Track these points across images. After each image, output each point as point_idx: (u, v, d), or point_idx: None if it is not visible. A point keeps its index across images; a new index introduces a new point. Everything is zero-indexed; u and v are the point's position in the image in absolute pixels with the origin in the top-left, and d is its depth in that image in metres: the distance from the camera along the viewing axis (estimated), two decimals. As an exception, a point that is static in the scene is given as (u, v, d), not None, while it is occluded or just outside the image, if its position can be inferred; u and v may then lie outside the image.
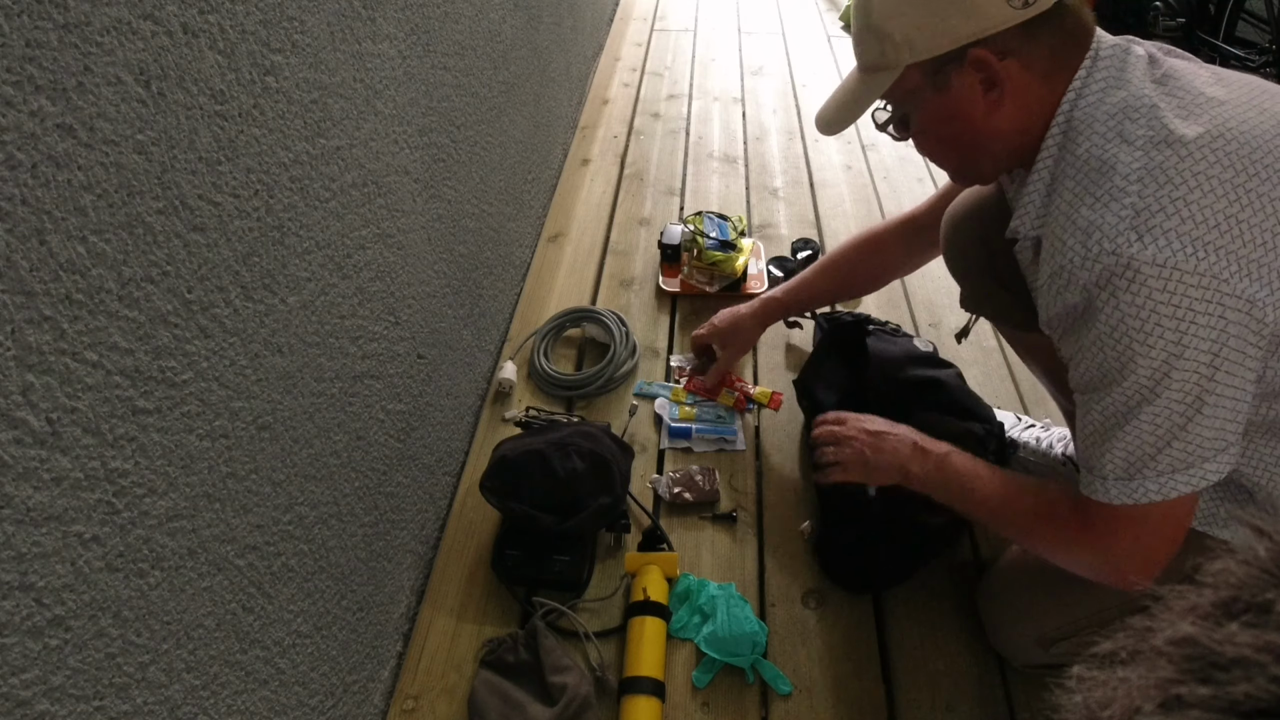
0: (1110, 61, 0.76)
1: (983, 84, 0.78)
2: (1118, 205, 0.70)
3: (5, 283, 0.47)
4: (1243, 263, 0.67)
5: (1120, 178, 0.70)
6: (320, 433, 0.86)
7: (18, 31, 0.45)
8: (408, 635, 1.14)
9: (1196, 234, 0.67)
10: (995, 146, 0.82)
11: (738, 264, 1.66)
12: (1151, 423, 0.72)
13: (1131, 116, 0.72)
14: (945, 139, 0.86)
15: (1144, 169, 0.69)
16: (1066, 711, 0.30)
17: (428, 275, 1.16)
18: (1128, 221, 0.68)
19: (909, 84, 0.82)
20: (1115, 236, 0.69)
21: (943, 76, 0.79)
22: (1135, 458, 0.74)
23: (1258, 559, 0.28)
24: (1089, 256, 0.70)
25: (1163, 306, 0.68)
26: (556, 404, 1.48)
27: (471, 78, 1.33)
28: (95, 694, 0.56)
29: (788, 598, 1.18)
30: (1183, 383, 0.70)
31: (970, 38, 0.75)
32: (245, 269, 0.70)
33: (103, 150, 0.53)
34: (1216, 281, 0.66)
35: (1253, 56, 2.53)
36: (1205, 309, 0.67)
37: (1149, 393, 0.71)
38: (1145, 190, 0.69)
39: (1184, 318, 0.67)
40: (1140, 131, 0.71)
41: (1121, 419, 0.73)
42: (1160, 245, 0.67)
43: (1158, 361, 0.69)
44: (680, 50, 2.94)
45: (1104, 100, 0.74)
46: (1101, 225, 0.70)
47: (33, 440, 0.49)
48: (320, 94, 0.81)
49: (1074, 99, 0.76)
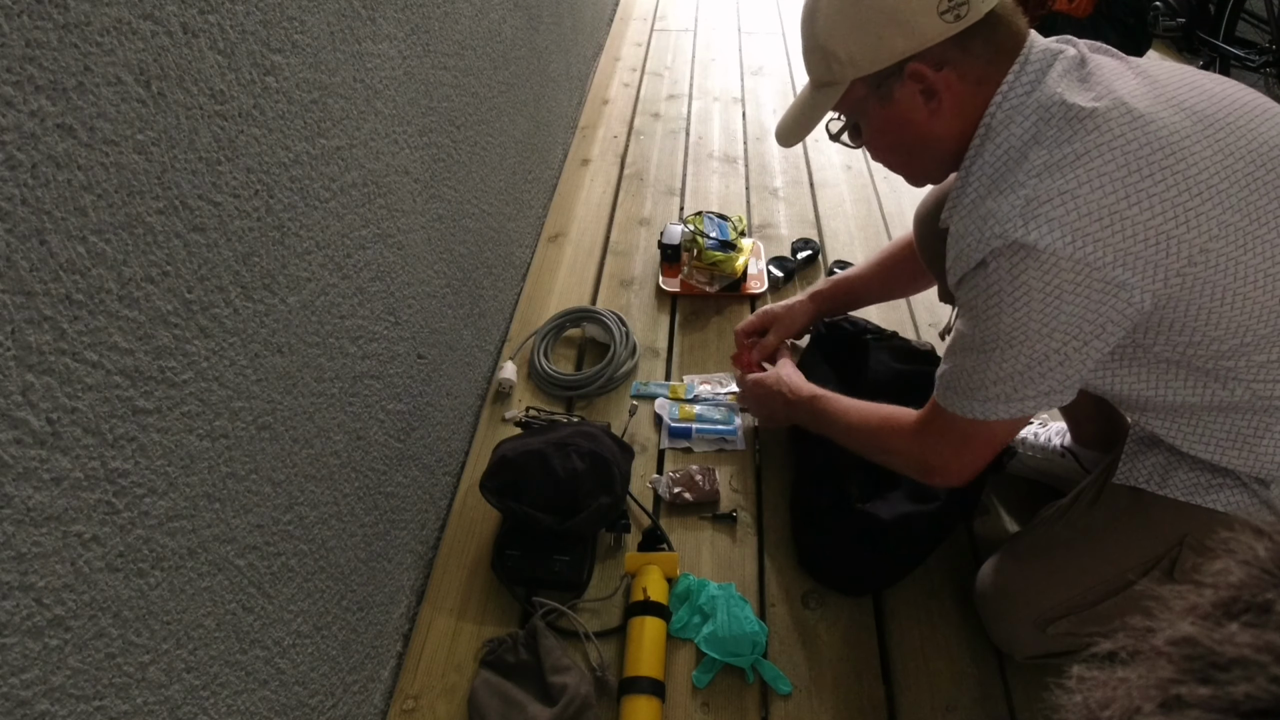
0: (1037, 65, 0.79)
1: (922, 94, 0.83)
2: (1013, 196, 0.75)
3: (5, 283, 0.47)
4: (1119, 254, 0.72)
5: (1023, 173, 0.75)
6: (320, 433, 0.86)
7: (18, 31, 0.45)
8: (408, 635, 1.14)
9: (1079, 225, 0.72)
10: (939, 150, 0.87)
11: (738, 264, 1.66)
12: (998, 365, 0.81)
13: (1046, 118, 0.77)
14: (893, 146, 0.92)
15: (1044, 164, 0.74)
16: (1066, 711, 0.30)
17: (428, 275, 1.16)
18: (1018, 209, 0.74)
19: (855, 96, 0.87)
20: (1005, 222, 0.75)
21: (885, 89, 0.84)
22: (974, 383, 0.84)
23: (1258, 559, 0.28)
24: (982, 240, 0.77)
25: (1036, 282, 0.74)
26: (556, 404, 1.48)
27: (471, 78, 1.33)
28: (95, 694, 0.56)
29: (788, 598, 1.18)
30: (1035, 345, 0.78)
31: (907, 53, 0.81)
32: (245, 269, 0.70)
33: (103, 150, 0.53)
34: (1089, 269, 0.73)
35: (1253, 56, 2.53)
36: (1075, 290, 0.74)
37: (1005, 343, 0.79)
38: (1040, 184, 0.74)
39: (1053, 295, 0.74)
40: (1051, 132, 0.76)
41: (974, 352, 0.83)
42: (1043, 232, 0.73)
43: (1019, 325, 0.77)
44: (680, 50, 2.94)
45: (1024, 101, 0.79)
46: (996, 213, 0.76)
47: (33, 440, 0.49)
48: (320, 94, 0.81)
49: (999, 101, 0.80)
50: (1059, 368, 0.80)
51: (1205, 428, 0.84)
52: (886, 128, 0.89)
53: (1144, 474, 0.90)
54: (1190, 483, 0.87)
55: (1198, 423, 0.85)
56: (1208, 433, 0.84)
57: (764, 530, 1.27)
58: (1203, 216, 0.72)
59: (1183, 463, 0.87)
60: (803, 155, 2.27)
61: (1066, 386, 0.82)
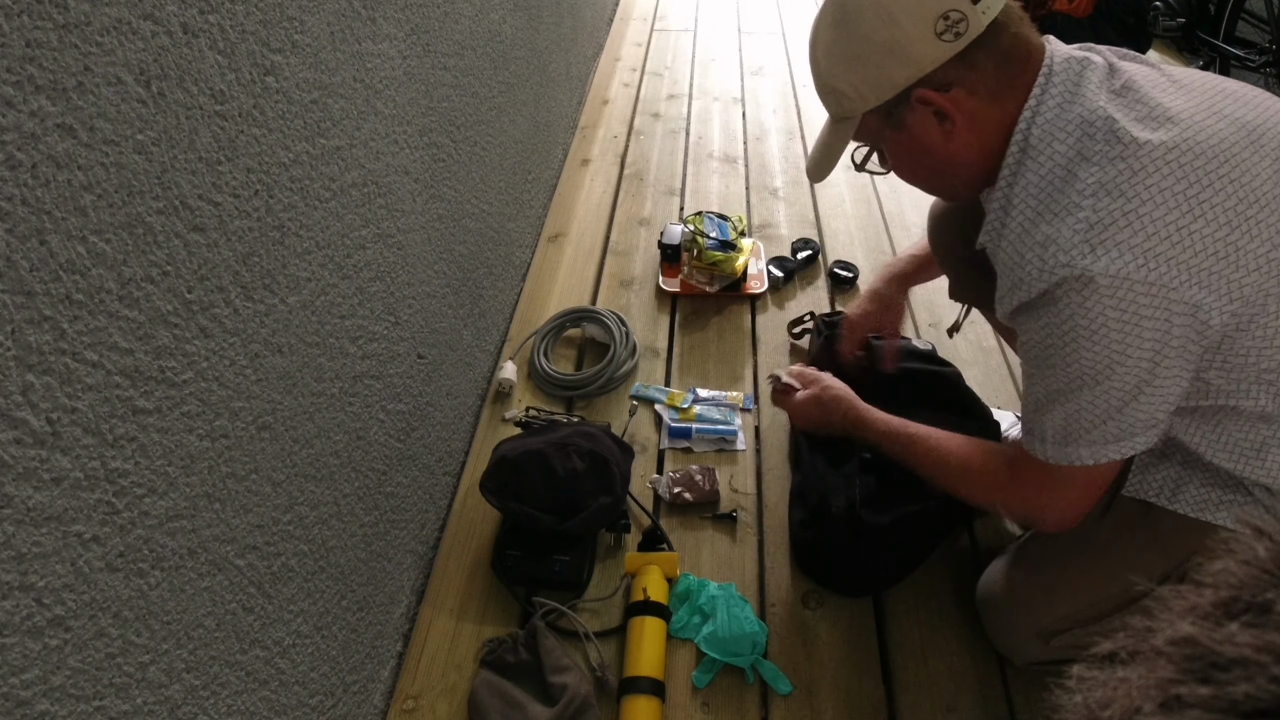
0: (1065, 76, 0.78)
1: (935, 116, 0.82)
2: (1072, 219, 0.73)
3: (5, 283, 0.47)
4: (1191, 271, 0.70)
5: (1076, 193, 0.73)
6: (320, 433, 0.86)
7: (18, 31, 0.45)
8: (408, 635, 1.14)
9: (1147, 246, 0.70)
10: (963, 169, 0.86)
11: (738, 264, 1.66)
12: (1091, 404, 0.78)
13: (1090, 133, 0.75)
14: (916, 169, 0.92)
15: (1098, 184, 0.72)
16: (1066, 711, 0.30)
17: (428, 275, 1.16)
18: (1081, 235, 0.72)
19: (871, 128, 0.87)
20: (1070, 249, 0.72)
21: (896, 118, 0.84)
22: (1072, 429, 0.81)
23: (1258, 559, 0.28)
24: (1045, 269, 0.74)
25: (1112, 311, 0.72)
26: (556, 404, 1.48)
27: (471, 78, 1.33)
28: (95, 694, 0.56)
29: (788, 598, 1.18)
30: (1124, 377, 0.75)
31: (910, 80, 0.80)
32: (245, 269, 0.70)
33: (103, 150, 0.53)
34: (1165, 290, 0.70)
35: (1253, 56, 2.53)
36: (1152, 314, 0.71)
37: (1091, 380, 0.76)
38: (1099, 204, 0.72)
39: (1131, 322, 0.72)
40: (1098, 148, 0.74)
41: (1062, 397, 0.79)
42: (1113, 257, 0.70)
43: (1101, 358, 0.74)
44: (680, 50, 2.94)
45: (1061, 116, 0.77)
46: (1057, 239, 0.73)
47: (33, 440, 0.49)
48: (320, 94, 0.81)
49: (1030, 117, 0.78)
50: (1153, 396, 0.76)
51: (1231, 434, 0.82)
52: (906, 154, 0.89)
53: (1154, 487, 0.88)
54: (1201, 499, 0.85)
55: (1225, 428, 0.83)
56: (1232, 440, 0.83)
57: (764, 530, 1.27)
58: (1263, 225, 0.71)
59: (1194, 477, 0.86)
60: (803, 155, 2.27)
61: (1163, 414, 0.79)
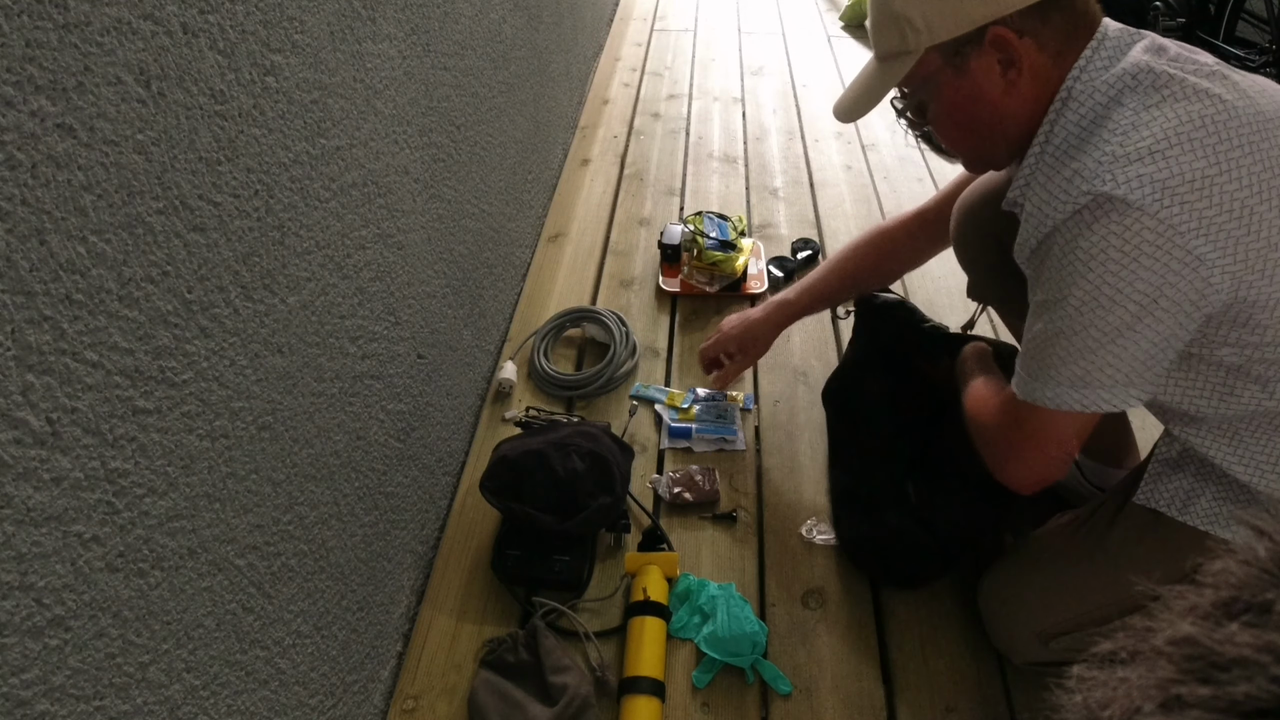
0: (1116, 42, 0.78)
1: (1001, 64, 0.80)
2: (1098, 153, 0.72)
3: (5, 283, 0.47)
4: (1203, 223, 0.69)
5: (1108, 131, 0.73)
6: (320, 433, 0.86)
7: (18, 31, 0.45)
8: (408, 635, 1.14)
9: (1169, 184, 0.69)
10: (1010, 128, 0.84)
11: (738, 264, 1.66)
12: (1069, 335, 0.76)
13: (1129, 84, 0.74)
14: (962, 122, 0.88)
15: (1130, 124, 0.72)
16: (1066, 711, 0.30)
17: (428, 275, 1.16)
18: (1105, 165, 0.71)
19: (928, 68, 0.83)
20: (1092, 178, 0.72)
21: (962, 58, 0.81)
22: (1044, 361, 0.79)
23: (1258, 559, 0.28)
24: (1068, 199, 0.73)
25: (1115, 239, 0.70)
26: (556, 404, 1.48)
27: (471, 78, 1.32)
28: (95, 694, 0.56)
29: (788, 598, 1.18)
30: (1108, 313, 0.73)
31: (988, 18, 0.78)
32: (245, 269, 0.70)
33: (103, 150, 0.53)
34: (1171, 232, 0.69)
35: (1253, 56, 2.53)
36: (1154, 254, 0.70)
37: (1075, 310, 0.74)
38: (1128, 139, 0.71)
39: (1131, 256, 0.70)
40: (1135, 96, 0.74)
41: (1045, 322, 0.78)
42: (1132, 186, 0.69)
43: (1092, 288, 0.73)
44: (680, 50, 2.94)
45: (1105, 73, 0.76)
46: (1081, 170, 0.73)
47: (33, 440, 0.49)
48: (320, 94, 0.81)
49: (1077, 75, 0.78)
50: (1131, 347, 0.74)
51: (1249, 446, 0.81)
52: (959, 102, 0.84)
53: (1166, 498, 0.87)
54: (1212, 512, 0.84)
55: (1244, 440, 0.81)
56: (1250, 452, 0.81)
57: (764, 530, 1.27)
58: None
59: (1207, 490, 0.84)
60: (803, 155, 2.27)
61: (1139, 377, 0.76)
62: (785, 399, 1.48)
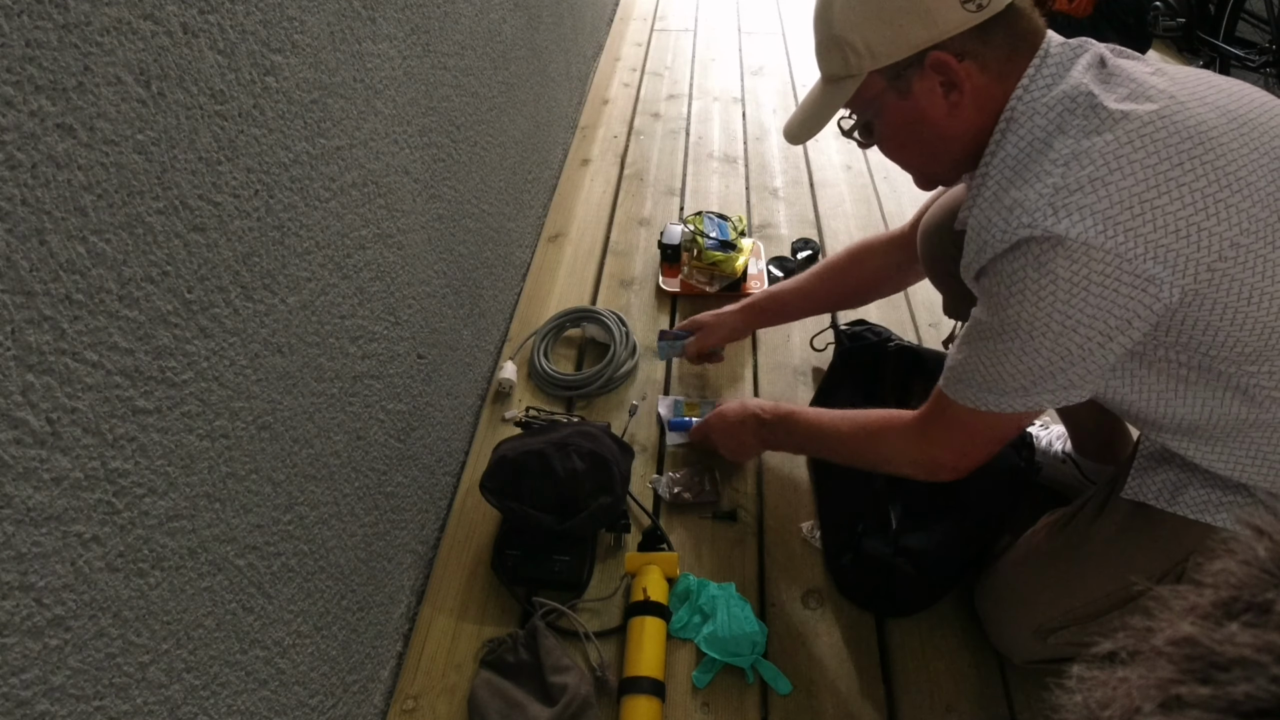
0: (1058, 59, 0.78)
1: (943, 86, 0.81)
2: (1040, 185, 0.73)
3: (5, 283, 0.47)
4: (1150, 245, 0.70)
5: (1049, 162, 0.74)
6: (320, 433, 0.86)
7: (18, 31, 0.45)
8: (408, 635, 1.14)
9: (1110, 213, 0.70)
10: (955, 148, 0.85)
11: (738, 264, 1.66)
12: (1019, 359, 0.78)
13: (1070, 108, 0.75)
14: (907, 143, 0.89)
15: (1071, 153, 0.73)
16: (1066, 711, 0.30)
17: (428, 275, 1.16)
18: (1047, 199, 0.72)
19: (872, 90, 0.84)
20: (1034, 211, 0.72)
21: (904, 81, 0.82)
22: (993, 376, 0.82)
23: (1258, 559, 0.28)
24: (1008, 230, 0.74)
25: (1063, 273, 0.72)
26: (556, 404, 1.48)
27: (471, 78, 1.33)
28: (95, 694, 0.56)
29: (788, 598, 1.18)
30: (1056, 340, 0.75)
31: (928, 42, 0.79)
32: (245, 269, 0.70)
33: (103, 150, 0.53)
34: (1120, 260, 0.70)
35: (1253, 56, 2.53)
36: (1103, 282, 0.71)
37: (1023, 334, 0.77)
38: (1069, 171, 0.72)
39: (1080, 286, 0.72)
40: (1076, 121, 0.74)
41: (987, 338, 0.80)
42: (1074, 220, 0.70)
43: (1039, 318, 0.75)
44: (680, 50, 2.94)
45: (1046, 94, 0.77)
46: (1023, 202, 0.73)
47: (33, 440, 0.49)
48: (320, 94, 0.81)
49: (1019, 95, 0.78)
50: (1079, 363, 0.77)
51: (1223, 445, 0.82)
52: (903, 123, 0.86)
53: (1153, 490, 0.88)
54: (1201, 500, 0.85)
55: (1215, 441, 0.82)
56: (1225, 450, 0.82)
57: (764, 530, 1.27)
58: (1233, 209, 0.70)
59: (1194, 480, 0.85)
60: (803, 155, 2.27)
61: (1084, 383, 0.80)
62: (785, 399, 1.48)
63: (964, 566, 1.14)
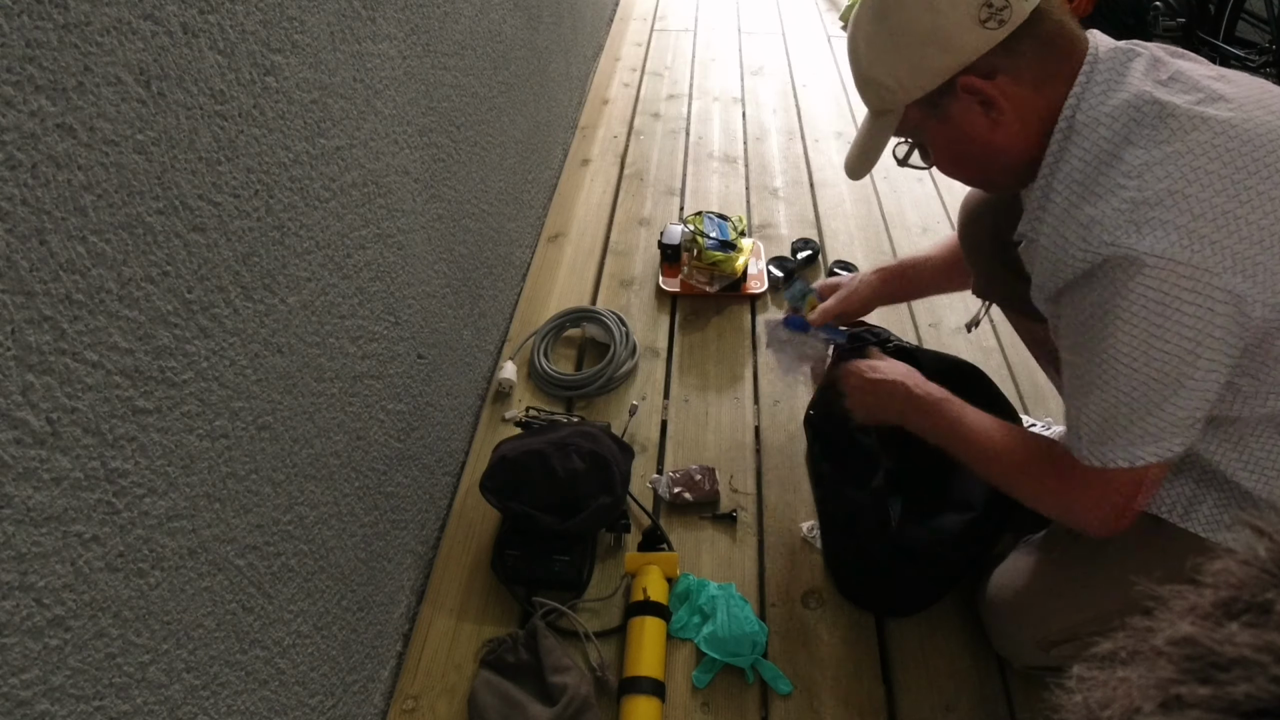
0: (1110, 65, 0.77)
1: (980, 105, 0.80)
2: (1116, 199, 0.71)
3: (5, 283, 0.47)
4: (1235, 259, 0.68)
5: (1121, 174, 0.72)
6: (320, 433, 0.86)
7: (18, 31, 0.45)
8: (408, 635, 1.14)
9: (1192, 227, 0.68)
10: (1006, 160, 0.84)
11: (738, 264, 1.66)
12: (1126, 396, 0.74)
13: (1136, 118, 0.73)
14: (959, 161, 0.89)
15: (1144, 164, 0.71)
16: (1066, 711, 0.30)
17: (428, 275, 1.16)
18: (1126, 214, 0.70)
19: (913, 120, 0.85)
20: (1114, 229, 0.70)
21: (941, 108, 0.82)
22: (1108, 426, 0.77)
23: (1258, 559, 0.28)
24: (1088, 249, 0.72)
25: (1151, 294, 0.69)
26: (556, 404, 1.48)
27: (471, 78, 1.32)
28: (95, 694, 0.56)
29: (788, 598, 1.18)
30: (1159, 367, 0.72)
31: (954, 69, 0.78)
32: (245, 269, 0.70)
33: (103, 150, 0.53)
34: (1207, 275, 0.68)
35: (1253, 56, 2.53)
36: (1192, 299, 0.69)
37: (1126, 369, 0.73)
38: (1144, 184, 0.70)
39: (1170, 306, 0.69)
40: (1145, 131, 0.72)
41: (1097, 387, 0.76)
42: (1158, 236, 0.68)
43: (1138, 344, 0.72)
44: (680, 50, 2.94)
45: (1105, 102, 0.75)
46: (1101, 219, 0.72)
47: (33, 440, 0.49)
48: (320, 94, 0.81)
49: (1074, 104, 0.77)
50: (1191, 392, 0.72)
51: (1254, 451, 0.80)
52: (950, 145, 0.86)
53: (1167, 504, 0.86)
54: (1214, 519, 0.83)
55: (1249, 445, 0.80)
56: (1254, 457, 0.80)
57: (764, 530, 1.27)
58: None
59: (1209, 496, 0.83)
60: (803, 155, 2.27)
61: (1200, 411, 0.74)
62: (785, 399, 1.48)
63: (965, 564, 1.14)
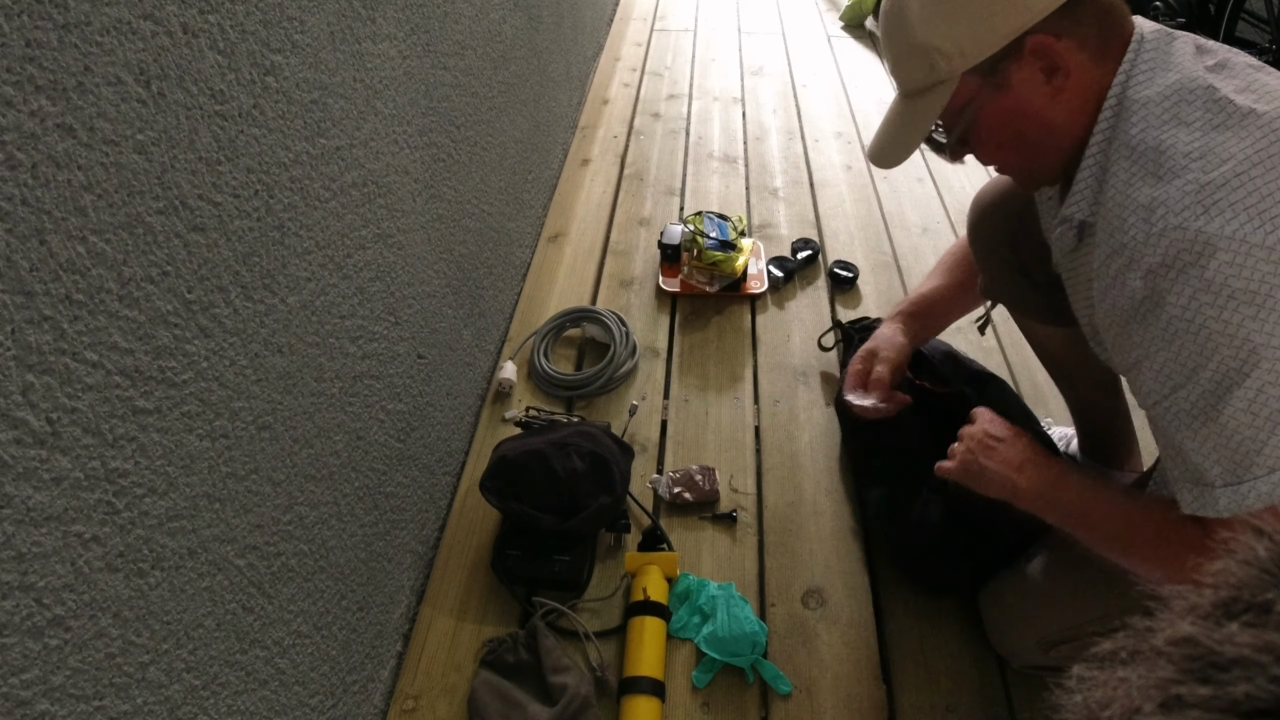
0: (1155, 45, 0.74)
1: (1044, 71, 0.76)
2: (1180, 181, 0.67)
3: (5, 283, 0.47)
4: None
5: (1181, 156, 0.69)
6: (320, 433, 0.86)
7: (18, 31, 0.45)
8: (408, 635, 1.14)
9: (1264, 208, 0.64)
10: (1061, 138, 0.80)
11: (738, 264, 1.66)
12: (1247, 409, 0.65)
13: (1187, 99, 0.71)
14: (1009, 141, 0.82)
15: (1204, 148, 0.68)
16: (1066, 711, 0.30)
17: (428, 275, 1.16)
18: (1192, 196, 0.66)
19: (966, 93, 0.79)
20: (1181, 211, 0.66)
21: (1001, 75, 0.77)
22: (1238, 453, 0.66)
23: (1258, 559, 0.28)
24: (1153, 233, 0.67)
25: (1235, 281, 0.64)
26: (556, 404, 1.48)
27: (471, 78, 1.32)
28: (95, 694, 0.56)
29: (788, 598, 1.18)
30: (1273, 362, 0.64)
31: (1022, 28, 0.73)
32: (245, 269, 0.70)
33: (103, 150, 0.53)
34: None
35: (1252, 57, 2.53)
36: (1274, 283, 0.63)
37: (1236, 374, 0.65)
38: (1208, 166, 0.67)
39: (1261, 291, 0.63)
40: (1197, 114, 0.70)
41: (1212, 410, 0.67)
42: (1228, 218, 0.64)
43: (1240, 339, 0.64)
44: (680, 50, 2.94)
45: (1154, 81, 0.73)
46: (1165, 201, 0.67)
47: (33, 440, 0.49)
48: (320, 94, 0.81)
49: (1124, 80, 0.74)
50: None
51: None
52: (1003, 120, 0.79)
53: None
54: None
55: None
56: None
57: (764, 530, 1.27)
58: None
59: None
60: (803, 155, 2.27)
61: None
62: (785, 399, 1.48)
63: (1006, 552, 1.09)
